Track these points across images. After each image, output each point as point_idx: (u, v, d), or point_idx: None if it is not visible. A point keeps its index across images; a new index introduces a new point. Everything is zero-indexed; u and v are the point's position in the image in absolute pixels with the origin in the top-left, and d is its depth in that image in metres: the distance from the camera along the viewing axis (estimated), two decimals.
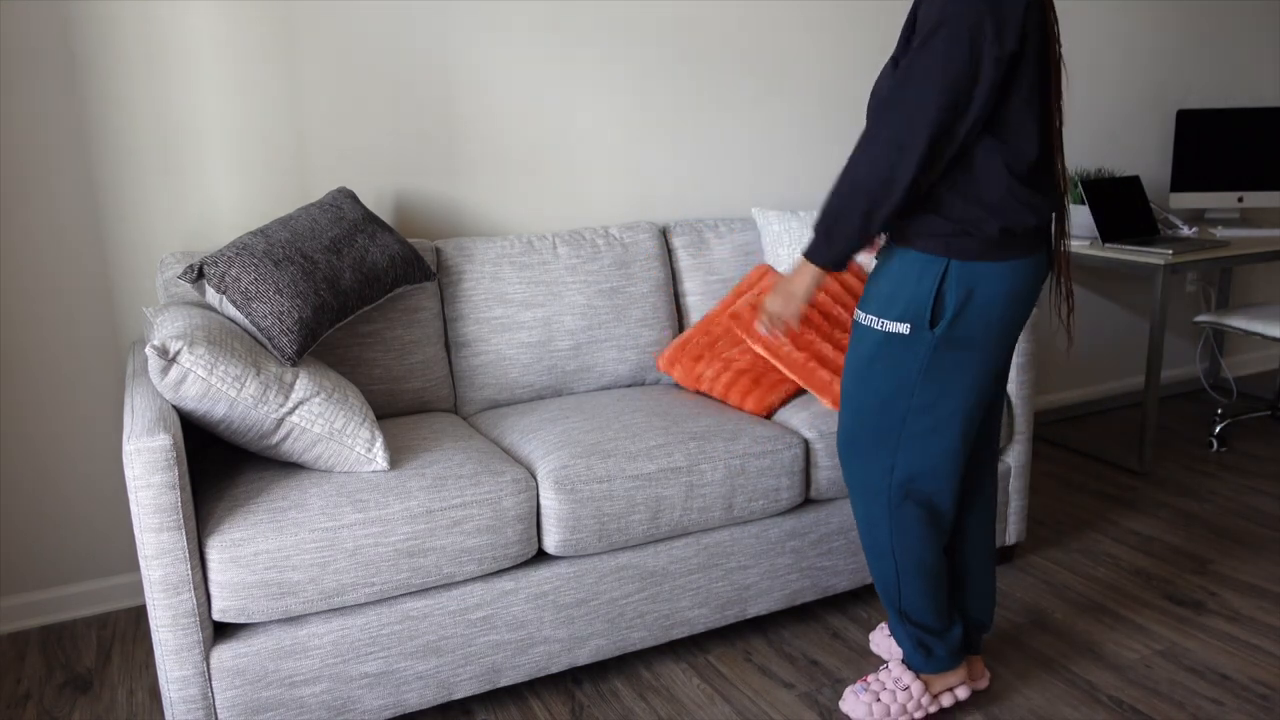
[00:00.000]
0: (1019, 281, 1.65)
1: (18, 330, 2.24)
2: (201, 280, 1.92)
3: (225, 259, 1.91)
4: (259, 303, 1.88)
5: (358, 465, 1.86)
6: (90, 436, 2.34)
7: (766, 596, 2.17)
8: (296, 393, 1.80)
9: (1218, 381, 4.09)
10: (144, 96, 2.24)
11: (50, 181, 2.20)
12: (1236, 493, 2.99)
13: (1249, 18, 3.80)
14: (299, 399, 1.80)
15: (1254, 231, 3.38)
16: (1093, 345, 3.76)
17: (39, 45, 2.14)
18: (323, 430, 1.82)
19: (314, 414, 1.81)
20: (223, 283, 1.89)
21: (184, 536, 1.62)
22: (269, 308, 1.87)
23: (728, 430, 2.10)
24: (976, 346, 1.67)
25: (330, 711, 1.79)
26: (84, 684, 2.12)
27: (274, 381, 1.78)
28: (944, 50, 1.53)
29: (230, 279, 1.89)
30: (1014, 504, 2.46)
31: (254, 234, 2.01)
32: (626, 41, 2.69)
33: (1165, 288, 2.99)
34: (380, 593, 1.78)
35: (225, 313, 1.92)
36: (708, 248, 2.62)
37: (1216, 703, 1.97)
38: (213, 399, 1.72)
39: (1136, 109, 3.64)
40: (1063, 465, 3.25)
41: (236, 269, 1.90)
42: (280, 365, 1.83)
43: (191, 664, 1.67)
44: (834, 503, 2.21)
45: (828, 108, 3.01)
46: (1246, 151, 3.52)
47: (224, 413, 1.74)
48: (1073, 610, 2.33)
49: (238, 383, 1.73)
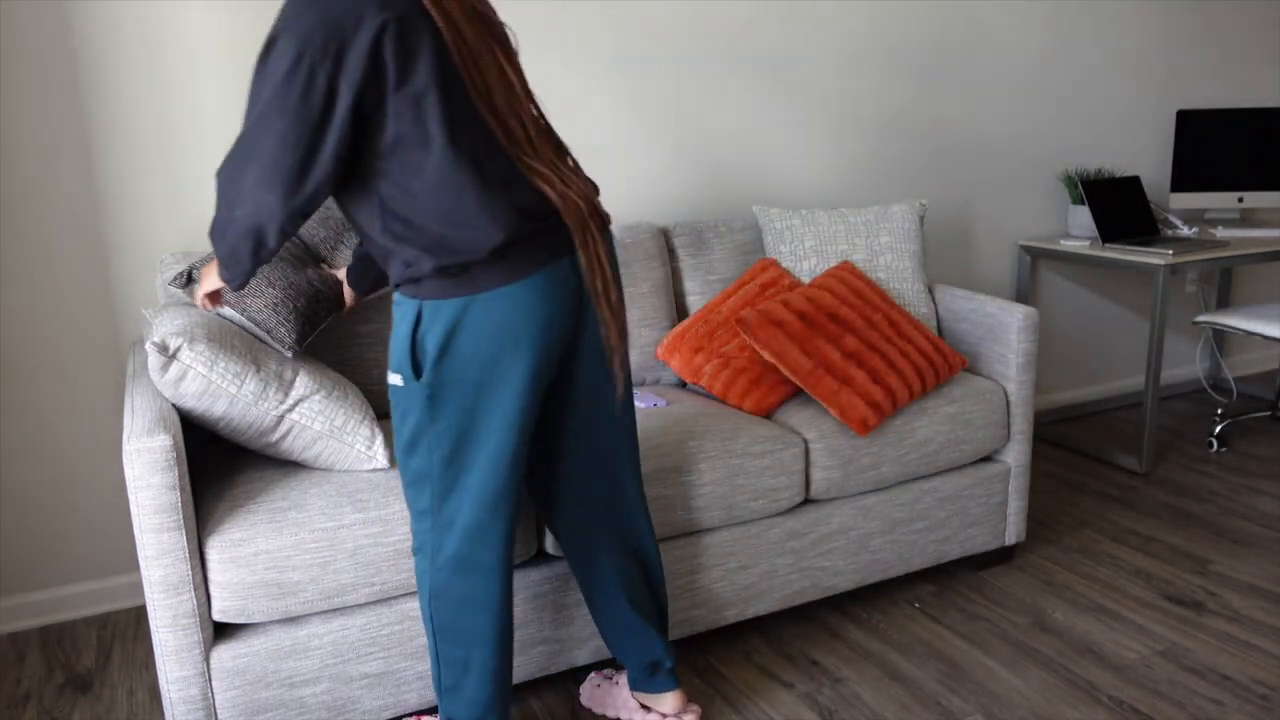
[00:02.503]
0: (511, 310, 1.47)
1: (18, 330, 2.24)
2: (192, 284, 1.92)
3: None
4: (252, 298, 1.88)
5: (357, 463, 1.86)
6: (90, 437, 2.34)
7: (766, 596, 2.17)
8: (296, 390, 1.80)
9: (1218, 381, 4.09)
10: (145, 97, 2.24)
11: (51, 181, 2.20)
12: (1236, 493, 2.99)
13: (1249, 18, 3.80)
14: (299, 396, 1.80)
15: (1254, 231, 3.38)
16: (1093, 345, 3.76)
17: (40, 45, 2.14)
18: (323, 428, 1.82)
19: (314, 411, 1.81)
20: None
21: (184, 536, 1.62)
22: (262, 301, 1.87)
23: (726, 430, 2.10)
24: (484, 387, 1.50)
25: (330, 712, 1.79)
26: (84, 684, 2.12)
27: (274, 379, 1.78)
28: (283, 72, 1.36)
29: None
30: (1014, 504, 2.46)
31: None
32: (627, 41, 2.69)
33: (1165, 288, 2.99)
34: (380, 593, 1.78)
35: (223, 314, 1.92)
36: (708, 248, 2.62)
37: (1216, 703, 1.97)
38: (213, 396, 1.72)
39: (1136, 109, 3.64)
40: (1063, 465, 3.25)
41: None
42: (280, 363, 1.83)
43: (191, 664, 1.67)
44: (834, 502, 2.21)
45: (828, 107, 3.02)
46: (1246, 151, 3.52)
47: (224, 410, 1.74)
48: (1073, 610, 2.33)
49: (238, 379, 1.73)
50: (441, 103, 1.42)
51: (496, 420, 1.52)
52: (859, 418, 2.15)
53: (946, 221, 3.34)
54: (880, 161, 3.15)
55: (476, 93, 1.46)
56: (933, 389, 2.34)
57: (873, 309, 2.35)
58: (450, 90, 1.43)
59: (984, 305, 2.48)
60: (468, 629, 1.61)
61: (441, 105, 1.42)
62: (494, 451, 1.53)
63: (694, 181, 2.86)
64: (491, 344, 1.48)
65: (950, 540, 2.38)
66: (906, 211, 2.63)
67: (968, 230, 3.39)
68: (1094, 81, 3.51)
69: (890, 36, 3.06)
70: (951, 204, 3.33)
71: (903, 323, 2.36)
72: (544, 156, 1.54)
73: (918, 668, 2.11)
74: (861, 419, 2.15)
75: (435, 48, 1.42)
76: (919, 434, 2.26)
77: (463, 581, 1.59)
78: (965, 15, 3.19)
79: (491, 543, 1.58)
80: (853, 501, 2.23)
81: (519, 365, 1.50)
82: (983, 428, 2.35)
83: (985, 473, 2.40)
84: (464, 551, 1.58)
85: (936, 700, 2.00)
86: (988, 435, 2.37)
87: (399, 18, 1.38)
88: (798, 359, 2.19)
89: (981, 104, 3.30)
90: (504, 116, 1.49)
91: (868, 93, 3.07)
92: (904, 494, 2.29)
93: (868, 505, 2.24)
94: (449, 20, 1.44)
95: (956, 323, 2.57)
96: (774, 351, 2.20)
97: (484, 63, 1.48)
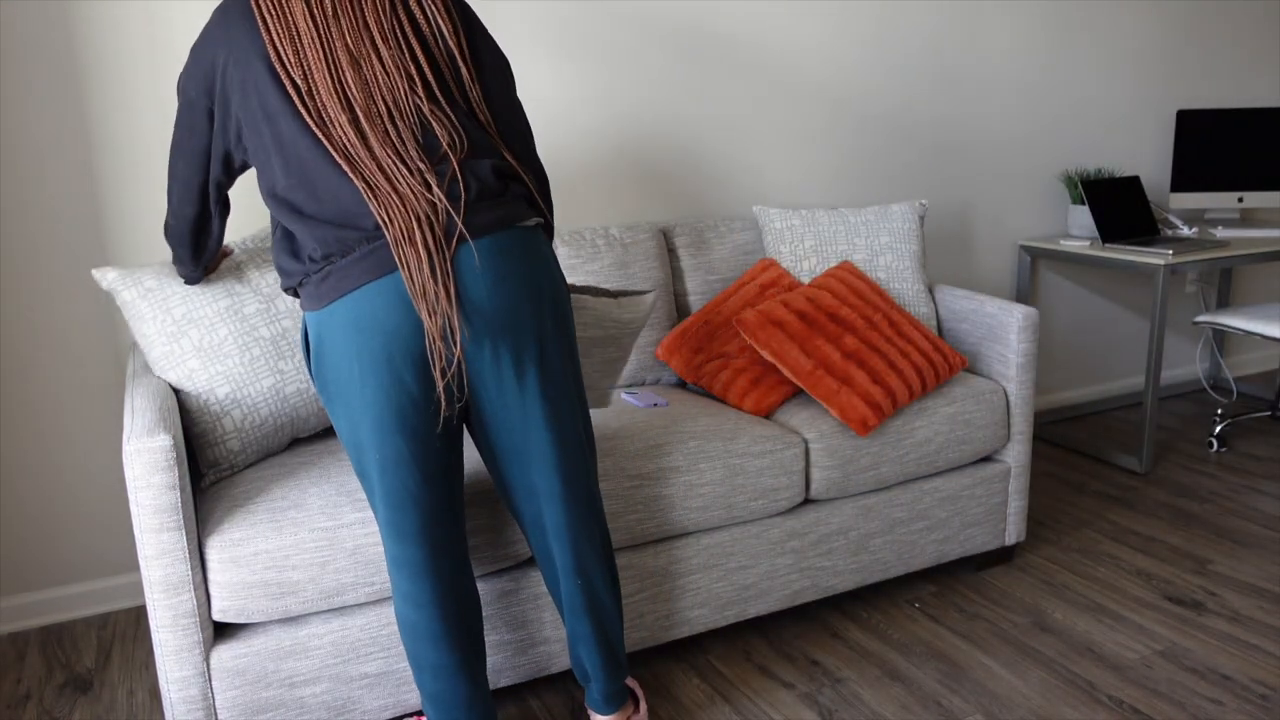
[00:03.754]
0: (336, 325, 1.48)
1: (18, 330, 2.24)
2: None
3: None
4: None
5: None
6: (90, 436, 2.34)
7: (766, 596, 2.17)
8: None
9: (1218, 381, 4.09)
10: (146, 97, 2.24)
11: (51, 181, 2.20)
12: (1236, 493, 2.99)
13: (1249, 18, 3.80)
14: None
15: (1254, 231, 3.38)
16: (1093, 345, 3.76)
17: (41, 45, 2.14)
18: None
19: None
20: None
21: (184, 536, 1.62)
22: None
23: (726, 430, 2.10)
24: (344, 397, 1.51)
25: (330, 712, 1.79)
26: (84, 684, 2.12)
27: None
28: (180, 88, 1.57)
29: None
30: (1014, 504, 2.46)
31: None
32: (626, 41, 2.69)
33: (1165, 288, 2.99)
34: (380, 593, 1.78)
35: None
36: (708, 248, 2.62)
37: (1216, 703, 1.97)
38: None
39: (1136, 109, 3.64)
40: (1063, 465, 3.25)
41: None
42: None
43: (191, 664, 1.67)
44: (834, 502, 2.21)
45: (829, 107, 3.02)
46: (1246, 151, 3.52)
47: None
48: (1073, 610, 2.33)
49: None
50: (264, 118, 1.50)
51: (365, 428, 1.52)
52: (859, 418, 2.15)
53: (946, 221, 3.34)
54: (880, 161, 3.15)
55: (296, 95, 1.47)
56: (933, 389, 2.34)
57: (873, 309, 2.35)
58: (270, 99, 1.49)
59: (984, 305, 2.48)
60: (413, 625, 1.61)
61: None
62: (380, 458, 1.54)
63: (694, 181, 2.86)
64: (340, 358, 1.50)
65: (950, 540, 2.38)
66: (906, 211, 2.63)
67: (968, 230, 3.39)
68: (1094, 81, 3.51)
69: (891, 36, 3.06)
70: (951, 204, 3.33)
71: (903, 323, 2.36)
72: (389, 160, 1.48)
73: (918, 668, 2.11)
74: (861, 419, 2.15)
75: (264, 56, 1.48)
76: (919, 434, 2.26)
77: (400, 577, 1.60)
78: (965, 15, 3.19)
79: (411, 540, 1.57)
80: (853, 501, 2.23)
81: (369, 379, 1.48)
82: (983, 428, 2.35)
83: (985, 473, 2.40)
84: (391, 550, 1.60)
85: (936, 700, 2.00)
86: (988, 435, 2.37)
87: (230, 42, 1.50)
88: (798, 359, 2.19)
89: (981, 104, 3.30)
90: (331, 114, 1.47)
91: (868, 92, 3.07)
92: (904, 494, 2.29)
93: (868, 505, 2.24)
94: (267, 25, 1.48)
95: (956, 323, 2.57)
96: (774, 351, 2.20)
97: (312, 57, 1.47)
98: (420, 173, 1.48)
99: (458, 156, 1.52)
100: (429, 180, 1.48)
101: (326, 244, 1.47)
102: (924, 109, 3.19)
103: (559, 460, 1.61)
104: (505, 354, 1.52)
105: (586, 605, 1.70)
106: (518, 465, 1.62)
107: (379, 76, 1.49)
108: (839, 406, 2.15)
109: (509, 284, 1.51)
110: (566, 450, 1.62)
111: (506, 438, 1.59)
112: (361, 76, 1.48)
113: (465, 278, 1.48)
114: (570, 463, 1.63)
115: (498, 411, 1.56)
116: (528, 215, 1.57)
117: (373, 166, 1.46)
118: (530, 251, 1.54)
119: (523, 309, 1.52)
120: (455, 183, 1.50)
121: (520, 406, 1.56)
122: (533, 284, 1.53)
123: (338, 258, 1.47)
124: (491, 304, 1.49)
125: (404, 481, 1.54)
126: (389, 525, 1.58)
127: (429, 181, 1.48)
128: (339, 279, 1.47)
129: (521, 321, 1.52)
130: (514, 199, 1.57)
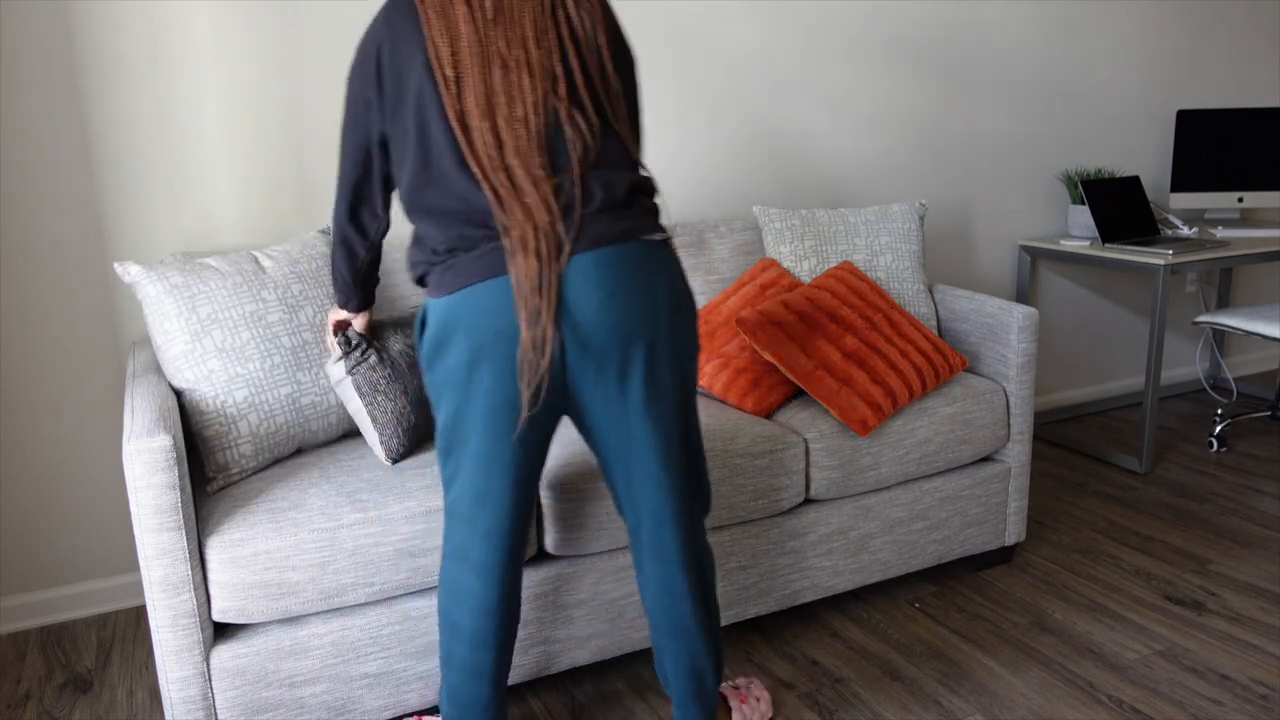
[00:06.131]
0: (453, 315, 1.48)
1: (18, 330, 2.24)
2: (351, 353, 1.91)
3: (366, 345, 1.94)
4: (382, 397, 1.90)
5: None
6: (90, 436, 2.34)
7: (766, 596, 2.17)
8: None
9: (1218, 381, 4.09)
10: (147, 98, 2.24)
11: (51, 181, 2.20)
12: (1236, 493, 2.99)
13: (1249, 18, 3.80)
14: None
15: (1254, 231, 3.39)
16: (1093, 345, 3.76)
17: (42, 46, 2.14)
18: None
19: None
20: (357, 366, 1.90)
21: (184, 537, 1.62)
22: (393, 406, 1.91)
23: (727, 430, 2.10)
24: (450, 389, 1.52)
25: (330, 712, 1.79)
26: (84, 684, 2.12)
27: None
28: (347, 82, 1.64)
29: (366, 366, 1.90)
30: (1014, 504, 2.46)
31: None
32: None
33: (1165, 288, 2.99)
34: (380, 593, 1.78)
35: (337, 393, 1.94)
36: (708, 248, 2.62)
37: (1216, 703, 1.97)
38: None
39: (1136, 109, 3.64)
40: (1063, 465, 3.25)
41: (373, 359, 1.92)
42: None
43: (191, 664, 1.67)
44: (834, 502, 2.21)
45: (828, 107, 3.02)
46: (1246, 151, 3.52)
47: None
48: (1073, 610, 2.33)
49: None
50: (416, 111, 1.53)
51: (467, 422, 1.52)
52: (859, 418, 2.15)
53: (946, 221, 3.34)
54: (880, 161, 3.15)
55: (449, 100, 1.50)
56: (933, 389, 2.34)
57: (873, 309, 2.35)
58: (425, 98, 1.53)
59: (984, 305, 2.48)
60: (456, 622, 1.61)
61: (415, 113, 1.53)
62: (475, 451, 1.54)
63: (694, 181, 2.86)
64: (452, 348, 1.50)
65: (950, 540, 2.38)
66: (906, 211, 2.63)
67: (968, 230, 3.39)
68: (1094, 81, 3.51)
69: (890, 36, 3.06)
70: (951, 204, 3.33)
71: (903, 323, 2.36)
72: (519, 169, 1.49)
73: (918, 668, 2.11)
74: (861, 419, 2.15)
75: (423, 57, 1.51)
76: (919, 434, 2.26)
77: (457, 572, 1.60)
78: (966, 15, 3.19)
79: (479, 537, 1.58)
80: (853, 501, 2.23)
81: (476, 373, 1.48)
82: (983, 428, 2.35)
83: (985, 473, 2.40)
84: (458, 542, 1.59)
85: (936, 700, 2.00)
86: (988, 435, 2.37)
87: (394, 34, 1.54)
88: (798, 359, 2.19)
89: (981, 104, 3.30)
90: (468, 128, 1.49)
91: (868, 92, 3.07)
92: (904, 494, 2.29)
93: (868, 505, 2.24)
94: (430, 21, 1.51)
95: (956, 323, 2.57)
96: (774, 351, 2.20)
97: (468, 68, 1.50)
98: (546, 182, 1.49)
99: (587, 165, 1.52)
100: (552, 190, 1.48)
101: (451, 239, 1.50)
102: (924, 109, 3.19)
103: (660, 478, 1.59)
104: (610, 368, 1.50)
105: (674, 628, 1.66)
106: (622, 479, 1.61)
107: (524, 82, 1.51)
108: (839, 407, 2.15)
109: (620, 299, 1.48)
110: (670, 470, 1.60)
111: (610, 451, 1.60)
112: (509, 81, 1.50)
113: (575, 291, 1.46)
114: (672, 482, 1.60)
115: (600, 422, 1.56)
116: (653, 229, 1.54)
117: (503, 176, 1.48)
118: (650, 265, 1.52)
119: (632, 323, 1.49)
120: (579, 192, 1.50)
121: (623, 421, 1.55)
122: (648, 298, 1.50)
123: (461, 252, 1.50)
124: (597, 318, 1.47)
125: (490, 480, 1.55)
126: (466, 519, 1.57)
127: (551, 191, 1.48)
128: (458, 273, 1.49)
129: (630, 336, 1.50)
130: (641, 213, 1.54)
